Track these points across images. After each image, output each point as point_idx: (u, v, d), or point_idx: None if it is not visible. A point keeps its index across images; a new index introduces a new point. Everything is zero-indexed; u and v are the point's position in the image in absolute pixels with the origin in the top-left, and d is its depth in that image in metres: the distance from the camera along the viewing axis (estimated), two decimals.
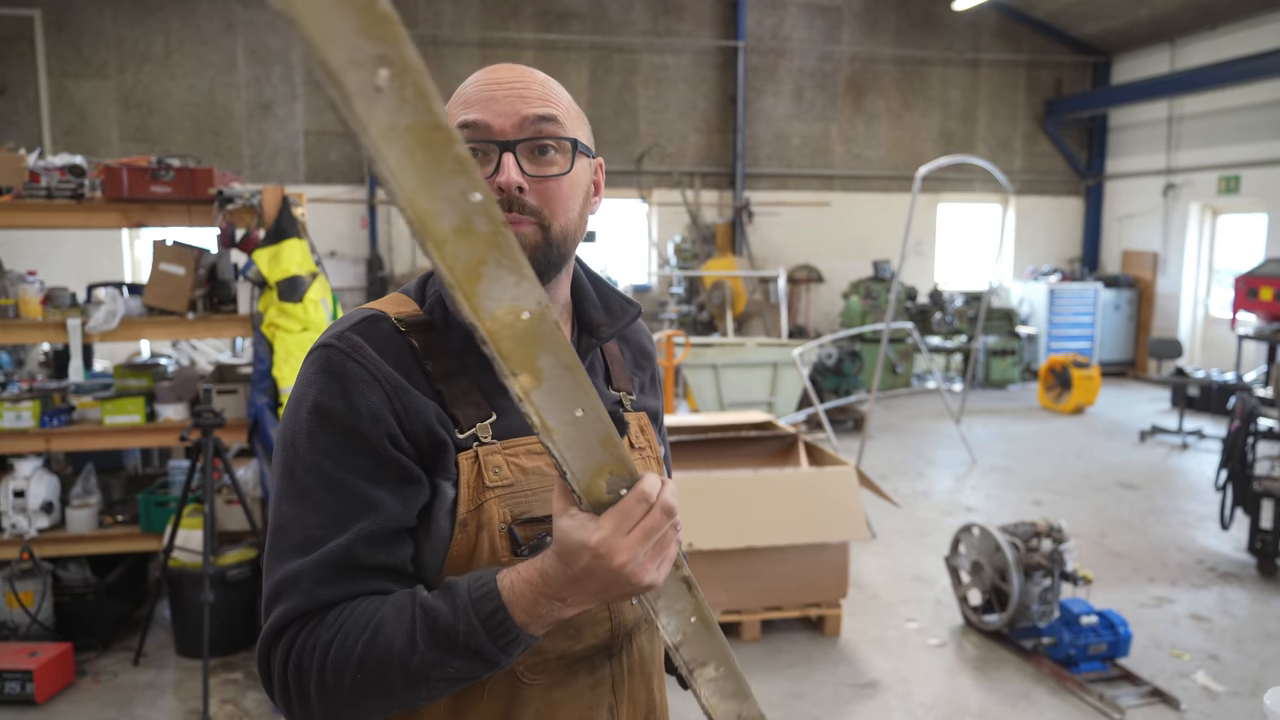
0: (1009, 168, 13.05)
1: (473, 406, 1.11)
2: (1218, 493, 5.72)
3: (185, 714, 3.79)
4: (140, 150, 10.70)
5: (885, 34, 12.78)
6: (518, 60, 7.86)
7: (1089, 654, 4.14)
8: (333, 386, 1.06)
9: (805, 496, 4.40)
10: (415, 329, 1.13)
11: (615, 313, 1.26)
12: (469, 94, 1.13)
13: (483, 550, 1.09)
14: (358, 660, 0.99)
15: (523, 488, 1.12)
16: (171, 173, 4.10)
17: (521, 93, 1.12)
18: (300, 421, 1.07)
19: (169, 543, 4.06)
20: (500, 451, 1.11)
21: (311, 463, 1.05)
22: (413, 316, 1.15)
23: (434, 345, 1.13)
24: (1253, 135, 10.79)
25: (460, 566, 1.09)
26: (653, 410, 1.35)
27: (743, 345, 8.47)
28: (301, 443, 1.06)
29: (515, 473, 1.12)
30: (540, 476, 1.14)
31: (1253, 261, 10.12)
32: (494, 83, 1.13)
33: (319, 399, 1.06)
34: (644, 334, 1.41)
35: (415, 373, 1.10)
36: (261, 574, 2.00)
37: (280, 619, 1.03)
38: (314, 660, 1.01)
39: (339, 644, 1.00)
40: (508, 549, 1.10)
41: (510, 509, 1.10)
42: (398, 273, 11.84)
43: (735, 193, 12.47)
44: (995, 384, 11.71)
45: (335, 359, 1.07)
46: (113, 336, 4.22)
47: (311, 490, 1.05)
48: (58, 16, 10.71)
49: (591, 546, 0.93)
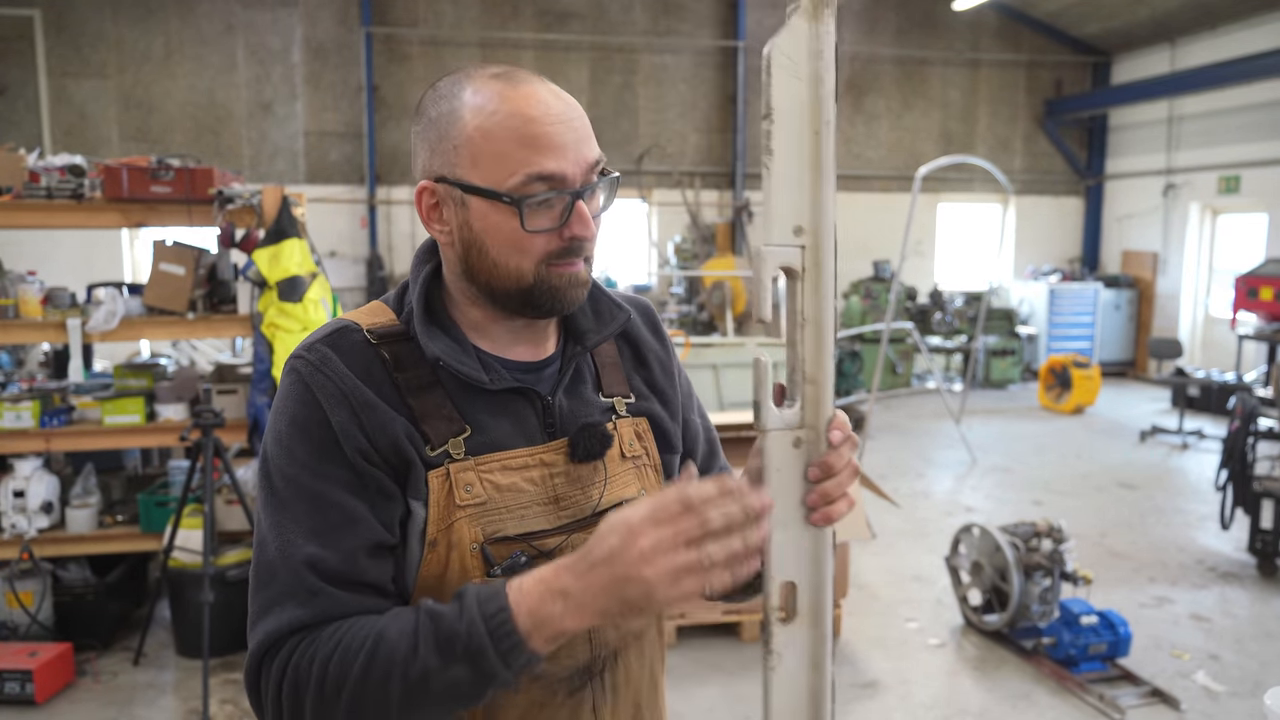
0: (1009, 168, 13.04)
1: (444, 421, 1.09)
2: (1218, 493, 5.72)
3: (185, 714, 3.79)
4: (140, 150, 10.70)
5: (885, 34, 12.78)
6: (517, 60, 7.90)
7: (1089, 654, 4.14)
8: (307, 397, 1.06)
9: None
10: (387, 340, 1.11)
11: (604, 319, 1.22)
12: (532, 133, 1.04)
13: (453, 571, 1.07)
14: (359, 673, 0.96)
15: (496, 505, 1.09)
16: (171, 173, 4.10)
17: (581, 134, 1.07)
18: (280, 434, 1.07)
19: (169, 543, 4.06)
20: (473, 468, 1.08)
21: (289, 474, 1.05)
22: (386, 327, 1.12)
23: (406, 357, 1.10)
24: (1253, 135, 10.79)
25: (430, 588, 1.07)
26: (656, 412, 1.27)
27: (743, 345, 8.46)
28: (281, 455, 1.06)
29: (489, 490, 1.09)
30: (515, 494, 1.10)
31: (1253, 261, 10.12)
32: (556, 119, 1.05)
33: (295, 411, 1.06)
34: (647, 327, 1.33)
35: (385, 386, 1.08)
36: None
37: (267, 638, 1.01)
38: (311, 676, 0.97)
39: (339, 658, 0.97)
40: (480, 569, 1.07)
41: (482, 528, 1.08)
42: (398, 273, 11.84)
43: (735, 193, 12.47)
44: (995, 384, 11.71)
45: (305, 371, 1.07)
46: (113, 336, 4.22)
47: (290, 503, 1.04)
48: (58, 16, 10.71)
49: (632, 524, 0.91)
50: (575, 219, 1.06)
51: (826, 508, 1.01)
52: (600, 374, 1.24)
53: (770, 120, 0.95)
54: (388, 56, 11.63)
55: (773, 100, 0.95)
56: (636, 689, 1.23)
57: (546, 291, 1.09)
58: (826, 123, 0.96)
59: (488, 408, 1.12)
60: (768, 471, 1.00)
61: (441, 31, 11.65)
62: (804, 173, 0.97)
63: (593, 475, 1.16)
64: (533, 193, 1.04)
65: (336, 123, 11.57)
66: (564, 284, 1.09)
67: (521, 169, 1.04)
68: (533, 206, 1.05)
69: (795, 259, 0.98)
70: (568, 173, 1.05)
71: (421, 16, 11.60)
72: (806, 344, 0.99)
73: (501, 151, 1.04)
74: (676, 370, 1.33)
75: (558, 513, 1.13)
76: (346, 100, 11.55)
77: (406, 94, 11.67)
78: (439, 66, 11.73)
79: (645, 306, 1.35)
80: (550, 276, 1.08)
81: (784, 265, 0.97)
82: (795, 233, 0.97)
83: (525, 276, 1.08)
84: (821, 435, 1.00)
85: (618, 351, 1.28)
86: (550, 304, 1.10)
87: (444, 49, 11.71)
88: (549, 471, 1.13)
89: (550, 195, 1.05)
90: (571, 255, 1.08)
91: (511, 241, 1.06)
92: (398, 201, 11.76)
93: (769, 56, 0.95)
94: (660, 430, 1.27)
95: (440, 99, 1.09)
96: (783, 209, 0.96)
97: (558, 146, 1.05)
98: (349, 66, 11.51)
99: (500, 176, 1.04)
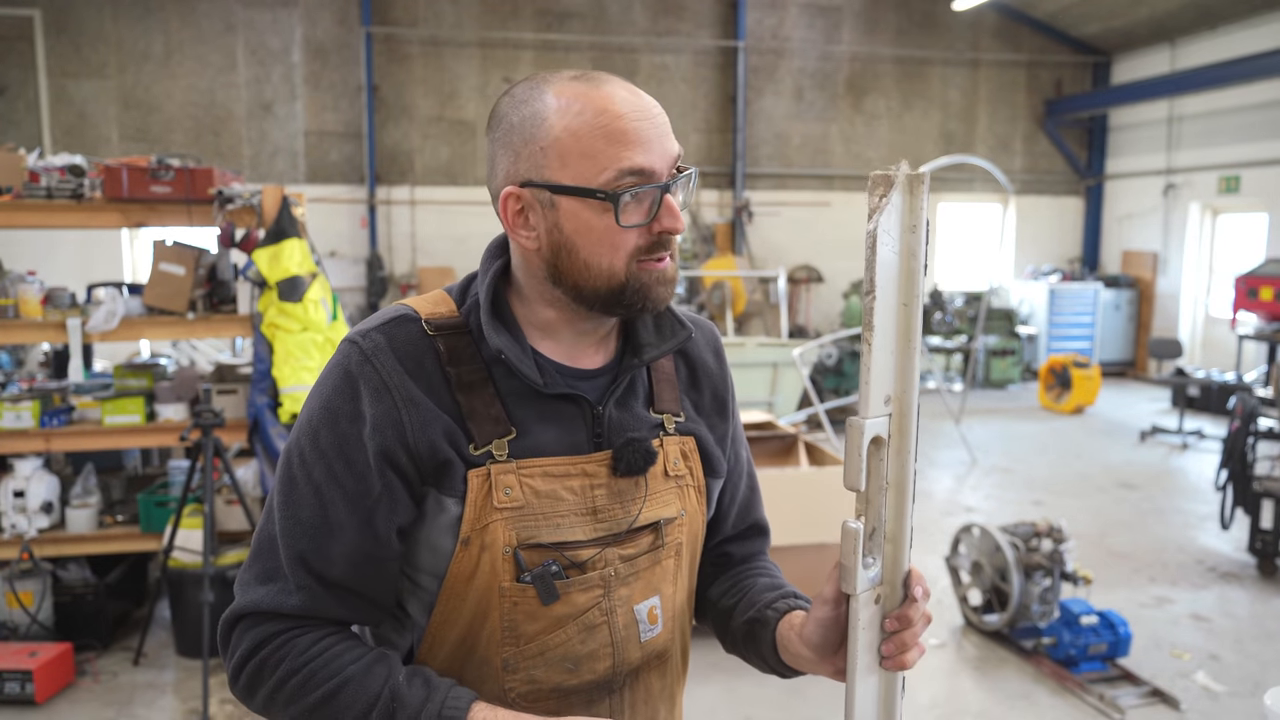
0: (1009, 168, 13.05)
1: (491, 422, 1.08)
2: (1218, 493, 5.72)
3: (185, 714, 3.79)
4: (140, 150, 10.70)
5: (885, 34, 12.78)
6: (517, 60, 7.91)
7: (1089, 654, 4.14)
8: (346, 386, 1.08)
9: (805, 496, 4.40)
10: (445, 332, 1.11)
11: (665, 334, 1.20)
12: (621, 129, 1.04)
13: (483, 572, 1.08)
14: (314, 703, 1.03)
15: (533, 511, 1.09)
16: (171, 173, 4.10)
17: (663, 129, 1.08)
18: (312, 414, 1.10)
19: (169, 543, 4.06)
20: (514, 471, 1.08)
21: (309, 460, 1.08)
22: (445, 318, 1.12)
23: (461, 351, 1.10)
24: (1253, 135, 10.79)
25: (459, 587, 1.09)
26: (703, 434, 1.25)
27: (743, 345, 8.46)
28: (306, 436, 1.09)
29: (527, 494, 1.09)
30: (554, 501, 1.10)
31: (1253, 261, 10.12)
32: (641, 114, 1.06)
33: (331, 396, 1.08)
34: (709, 351, 1.31)
35: (435, 379, 1.08)
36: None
37: (252, 605, 1.07)
38: (275, 676, 1.05)
39: (303, 679, 1.04)
40: (511, 573, 1.08)
41: (517, 532, 1.08)
42: (398, 273, 11.84)
43: (735, 192, 12.47)
44: (995, 384, 11.71)
45: (355, 358, 1.08)
46: (113, 336, 4.22)
47: (300, 488, 1.08)
48: (58, 16, 10.71)
49: None
50: (664, 212, 1.07)
51: (900, 655, 1.06)
52: (654, 389, 1.22)
53: (873, 297, 0.97)
54: (388, 56, 11.63)
55: (876, 277, 0.96)
56: (654, 708, 1.23)
57: (637, 289, 1.08)
58: (916, 296, 1.00)
59: (537, 411, 1.12)
60: (853, 629, 1.04)
61: (441, 31, 11.65)
62: (894, 344, 1.00)
63: (634, 490, 1.15)
64: (625, 186, 1.04)
65: (336, 123, 11.57)
66: (653, 280, 1.09)
67: (613, 165, 1.04)
68: (626, 201, 1.04)
69: (884, 428, 1.01)
70: (656, 166, 1.06)
71: (421, 16, 11.60)
72: (889, 506, 1.04)
73: (591, 149, 1.04)
74: (731, 400, 1.32)
75: (594, 524, 1.12)
76: (346, 100, 11.55)
77: (406, 94, 11.68)
78: (439, 66, 11.74)
79: (711, 331, 1.33)
80: (641, 274, 1.08)
81: (875, 436, 1.00)
82: (885, 402, 1.01)
83: (617, 274, 1.07)
84: (897, 589, 1.06)
85: (675, 370, 1.26)
86: (641, 302, 1.10)
87: (444, 49, 11.71)
88: (590, 482, 1.12)
89: (641, 189, 1.05)
90: (660, 250, 1.08)
91: (604, 239, 1.06)
92: (398, 201, 11.76)
93: (873, 234, 0.96)
94: (706, 452, 1.25)
95: (520, 104, 1.08)
96: (879, 381, 0.99)
97: (645, 141, 1.05)
98: (349, 66, 11.51)
99: (591, 174, 1.04)
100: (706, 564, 1.34)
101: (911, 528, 1.05)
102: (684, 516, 1.20)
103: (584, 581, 1.11)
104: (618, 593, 1.14)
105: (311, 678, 1.03)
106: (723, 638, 1.31)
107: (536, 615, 1.10)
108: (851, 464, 0.99)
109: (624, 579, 1.15)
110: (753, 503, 1.38)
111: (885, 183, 0.99)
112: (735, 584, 1.31)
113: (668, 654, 1.23)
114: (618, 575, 1.14)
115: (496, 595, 1.08)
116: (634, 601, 1.16)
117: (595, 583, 1.12)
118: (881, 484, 1.02)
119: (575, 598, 1.11)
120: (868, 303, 0.97)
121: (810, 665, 1.14)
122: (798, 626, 1.14)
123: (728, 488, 1.32)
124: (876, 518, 1.03)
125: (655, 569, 1.18)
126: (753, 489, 1.38)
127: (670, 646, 1.23)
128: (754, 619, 1.22)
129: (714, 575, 1.35)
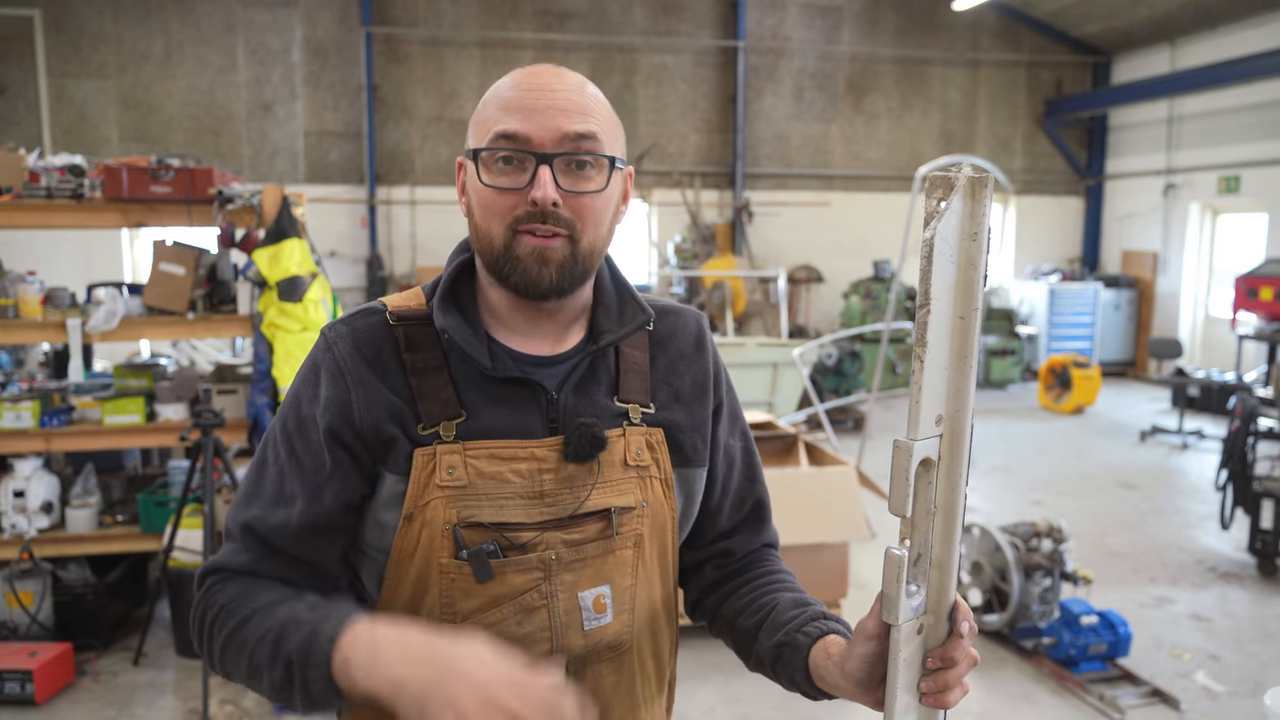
0: (1009, 168, 13.05)
1: (441, 404, 1.12)
2: (1218, 493, 5.72)
3: (185, 714, 3.79)
4: (140, 150, 10.70)
5: (885, 34, 12.78)
6: (517, 60, 7.93)
7: (1089, 654, 4.14)
8: (310, 373, 1.16)
9: (805, 496, 4.39)
10: (406, 322, 1.16)
11: (624, 319, 1.21)
12: (509, 98, 1.10)
13: (423, 548, 1.11)
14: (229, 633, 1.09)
15: (476, 491, 1.11)
16: (171, 173, 4.10)
17: (564, 106, 1.09)
18: (289, 397, 1.18)
19: (169, 543, 4.06)
20: (460, 452, 1.11)
21: (277, 438, 1.16)
22: (410, 310, 1.17)
23: (420, 339, 1.15)
24: (1253, 135, 10.79)
25: (402, 562, 1.13)
26: (675, 424, 1.23)
27: (743, 345, 8.46)
28: (278, 419, 1.17)
29: (471, 475, 1.11)
30: (499, 483, 1.11)
31: (1253, 261, 10.12)
32: (537, 89, 1.10)
33: (299, 383, 1.17)
34: (690, 339, 1.29)
35: (392, 365, 1.14)
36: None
37: (212, 565, 1.16)
38: (210, 616, 1.12)
39: (226, 613, 1.10)
40: (450, 550, 1.10)
41: (458, 510, 1.10)
42: (398, 273, 11.84)
43: (735, 193, 12.47)
44: (995, 384, 11.71)
45: (320, 347, 1.16)
46: (113, 336, 4.22)
47: (267, 463, 1.16)
48: (58, 16, 10.71)
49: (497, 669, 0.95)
50: (536, 182, 1.08)
51: (942, 694, 1.01)
52: (620, 378, 1.21)
53: (927, 310, 0.90)
54: (388, 56, 11.63)
55: (931, 289, 0.89)
56: (605, 702, 1.20)
57: (511, 260, 1.10)
58: (975, 309, 0.93)
59: (490, 396, 1.14)
60: (893, 664, 0.98)
61: (441, 31, 11.65)
62: (948, 359, 0.94)
63: (585, 477, 1.15)
64: (494, 147, 1.09)
65: (336, 123, 11.58)
66: (526, 254, 1.10)
67: (493, 128, 1.10)
68: (489, 161, 1.10)
69: (934, 449, 0.95)
70: (532, 135, 1.08)
71: (421, 16, 11.60)
72: (936, 531, 0.98)
73: (484, 116, 1.12)
74: (716, 388, 1.29)
75: (540, 508, 1.13)
76: (346, 100, 11.55)
77: (406, 94, 11.68)
78: (439, 66, 11.74)
79: (695, 317, 1.32)
80: (516, 245, 1.10)
81: (924, 458, 0.94)
82: (936, 422, 0.95)
83: (496, 240, 1.11)
84: (942, 620, 1.01)
85: (649, 359, 1.25)
86: (514, 276, 1.11)
87: (444, 49, 11.71)
88: (539, 466, 1.14)
89: (509, 152, 1.08)
90: (533, 221, 1.09)
91: (482, 201, 1.11)
92: (398, 201, 11.76)
93: (931, 243, 0.89)
94: (676, 442, 1.23)
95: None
96: (930, 399, 0.92)
97: (526, 109, 1.09)
98: (349, 66, 11.51)
99: (479, 137, 1.12)
100: (708, 565, 1.33)
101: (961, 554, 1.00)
102: (644, 508, 1.19)
103: (522, 563, 1.12)
104: (560, 578, 1.14)
105: (234, 612, 1.10)
106: (745, 658, 1.28)
107: (472, 593, 1.12)
108: (898, 488, 0.92)
109: (567, 564, 1.14)
110: (750, 487, 1.35)
111: (945, 185, 0.91)
112: (753, 600, 1.26)
113: (623, 648, 1.20)
114: (560, 560, 1.14)
115: (435, 571, 1.11)
116: (579, 588, 1.15)
117: (534, 564, 1.13)
118: (929, 508, 0.96)
119: (512, 578, 1.12)
120: (921, 316, 0.90)
121: (851, 696, 1.11)
122: (836, 657, 1.10)
123: (717, 477, 1.29)
124: (923, 543, 0.97)
125: (607, 558, 1.17)
126: (751, 471, 1.35)
127: (626, 640, 1.20)
128: (783, 643, 1.18)
129: (719, 579, 1.32)
